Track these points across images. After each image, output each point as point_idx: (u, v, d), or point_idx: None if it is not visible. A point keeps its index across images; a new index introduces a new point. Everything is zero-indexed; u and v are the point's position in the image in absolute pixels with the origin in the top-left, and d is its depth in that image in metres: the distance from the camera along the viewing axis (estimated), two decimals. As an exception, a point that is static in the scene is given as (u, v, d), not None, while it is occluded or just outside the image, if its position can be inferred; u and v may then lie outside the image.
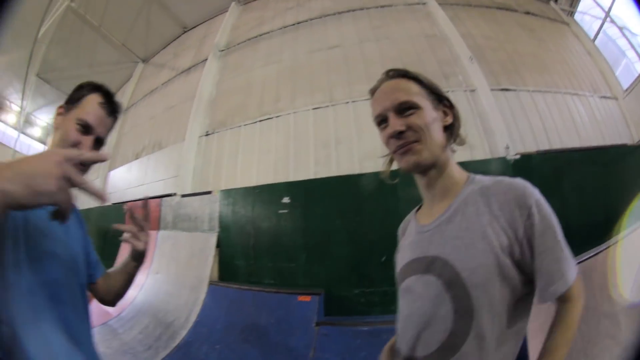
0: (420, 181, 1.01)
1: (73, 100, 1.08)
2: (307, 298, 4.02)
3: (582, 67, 6.11)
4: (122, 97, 8.94)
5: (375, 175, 4.25)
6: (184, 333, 4.17)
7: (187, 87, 7.26)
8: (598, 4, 7.77)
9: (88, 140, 1.04)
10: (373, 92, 1.03)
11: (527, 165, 4.37)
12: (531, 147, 4.53)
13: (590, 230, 2.85)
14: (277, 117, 5.53)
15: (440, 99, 1.00)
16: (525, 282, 0.83)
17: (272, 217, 4.81)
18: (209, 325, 4.16)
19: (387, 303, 4.04)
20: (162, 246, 5.67)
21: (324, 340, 3.57)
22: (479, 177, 0.97)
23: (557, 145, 4.71)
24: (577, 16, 7.87)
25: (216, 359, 3.75)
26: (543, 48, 6.02)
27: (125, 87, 9.59)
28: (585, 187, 4.25)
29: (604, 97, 5.82)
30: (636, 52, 7.11)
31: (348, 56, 5.66)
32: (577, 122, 5.20)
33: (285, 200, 4.76)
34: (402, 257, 1.03)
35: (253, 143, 5.59)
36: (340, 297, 4.23)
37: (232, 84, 6.49)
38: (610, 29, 7.85)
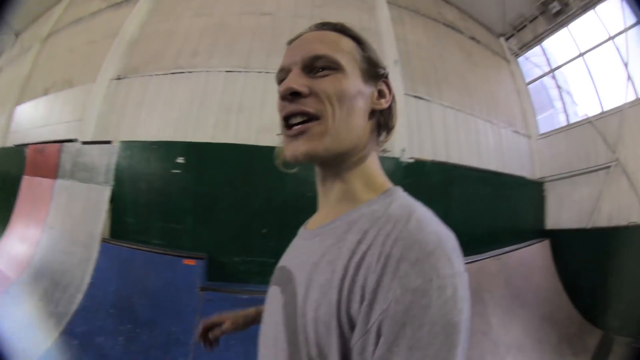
0: (317, 171, 0.75)
1: None
2: (192, 262, 4.10)
3: (505, 101, 6.48)
4: (46, 22, 8.26)
5: (270, 150, 4.19)
6: (80, 297, 4.11)
7: (113, 22, 6.71)
8: (547, 59, 8.29)
9: None
10: (290, 43, 0.76)
11: (418, 171, 4.66)
12: (428, 156, 4.81)
13: (463, 239, 3.09)
14: (189, 72, 5.31)
15: (378, 73, 0.73)
16: None
17: (165, 176, 4.76)
18: (103, 288, 4.16)
19: (265, 274, 4.07)
20: (58, 197, 5.34)
21: (209, 306, 3.67)
22: (397, 199, 0.65)
23: (454, 160, 5.06)
24: (521, 59, 8.27)
25: (112, 325, 3.83)
26: (473, 73, 6.33)
27: (52, 11, 8.77)
28: (471, 203, 4.78)
29: (517, 132, 6.13)
30: (565, 108, 7.58)
31: (277, 27, 5.55)
32: (482, 145, 5.57)
33: (180, 160, 4.70)
34: (282, 257, 0.83)
35: (159, 95, 5.35)
36: (223, 263, 4.34)
37: (157, 28, 6.15)
38: (548, 81, 8.39)
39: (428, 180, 4.79)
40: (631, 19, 7.84)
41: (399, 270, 0.49)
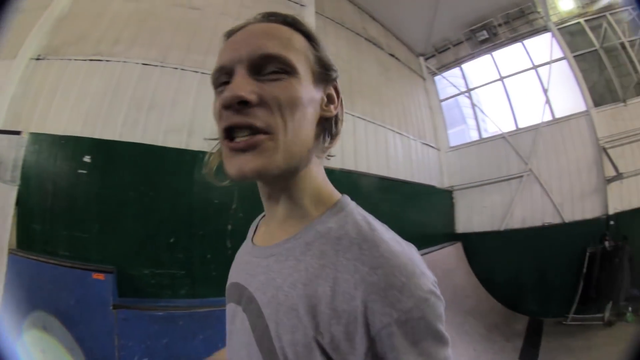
0: (260, 187, 0.69)
1: None
2: (101, 276, 3.73)
3: (417, 115, 6.85)
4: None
5: (179, 152, 4.18)
6: (-4, 314, 3.74)
7: (48, -9, 6.20)
8: (465, 80, 9.00)
9: None
10: (230, 35, 0.66)
11: (341, 182, 4.52)
12: (336, 165, 4.78)
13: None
14: (107, 61, 4.98)
15: (330, 77, 0.68)
16: None
17: (71, 176, 4.22)
18: (15, 308, 3.66)
19: (176, 287, 4.01)
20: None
21: (125, 326, 3.41)
22: (350, 214, 0.64)
23: (362, 169, 5.25)
24: (437, 77, 8.88)
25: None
26: (387, 87, 6.61)
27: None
28: (380, 209, 4.76)
29: (427, 144, 6.54)
30: (477, 124, 8.38)
31: (201, 23, 5.41)
32: (391, 155, 5.83)
33: (86, 159, 4.25)
34: (232, 271, 0.79)
35: (74, 83, 4.91)
36: (132, 277, 3.96)
37: (88, 7, 5.66)
38: (463, 99, 9.12)
39: (336, 188, 4.71)
40: (558, 53, 8.82)
41: (389, 297, 0.50)
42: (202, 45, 5.16)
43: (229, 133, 0.58)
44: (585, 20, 9.19)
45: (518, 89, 9.08)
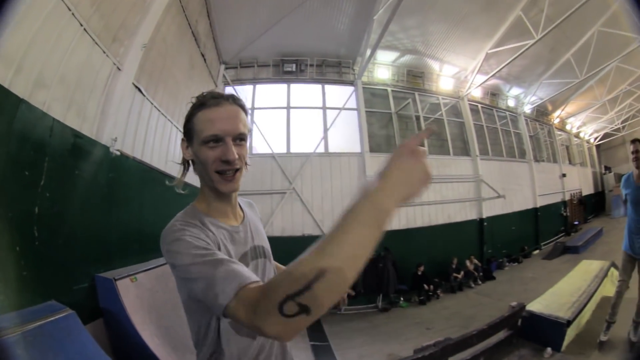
0: (225, 195, 1.34)
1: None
2: None
3: None
4: None
5: None
6: None
7: None
8: (253, 99, 11.01)
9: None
10: (204, 105, 1.24)
11: (122, 166, 4.72)
12: (128, 151, 4.98)
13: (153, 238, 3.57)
14: None
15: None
16: None
17: None
18: None
19: None
20: None
21: None
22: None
23: (147, 160, 5.49)
24: (229, 87, 10.75)
25: None
26: (186, 86, 7.29)
27: None
28: (159, 204, 5.24)
29: None
30: (251, 141, 10.03)
31: None
32: (170, 152, 6.28)
33: None
34: (239, 243, 1.39)
35: None
36: None
37: None
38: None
39: (128, 178, 4.90)
40: (353, 104, 11.51)
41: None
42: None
43: (221, 172, 1.23)
44: (392, 90, 12.66)
45: (301, 121, 11.29)
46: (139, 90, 5.31)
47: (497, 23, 11.70)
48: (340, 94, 11.82)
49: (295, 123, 11.20)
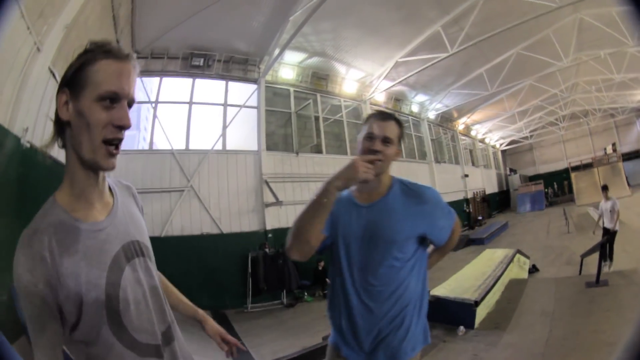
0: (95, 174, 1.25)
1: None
2: None
3: None
4: None
5: None
6: None
7: None
8: (158, 92, 11.40)
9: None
10: (110, 55, 1.13)
11: (29, 159, 4.53)
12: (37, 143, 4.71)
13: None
14: None
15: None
16: None
17: None
18: None
19: None
20: None
21: None
22: None
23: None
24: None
25: None
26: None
27: None
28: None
29: None
30: (152, 135, 10.16)
31: None
32: None
33: None
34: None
35: None
36: None
37: None
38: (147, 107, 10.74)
39: (38, 173, 4.68)
40: (254, 102, 12.59)
41: None
42: None
43: (109, 141, 1.11)
44: (294, 90, 13.87)
45: (201, 117, 12.02)
46: (54, 75, 5.10)
47: (413, 35, 13.08)
48: (242, 92, 12.64)
49: (196, 119, 11.80)
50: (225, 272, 10.77)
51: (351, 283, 1.82)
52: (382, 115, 1.89)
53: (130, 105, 1.16)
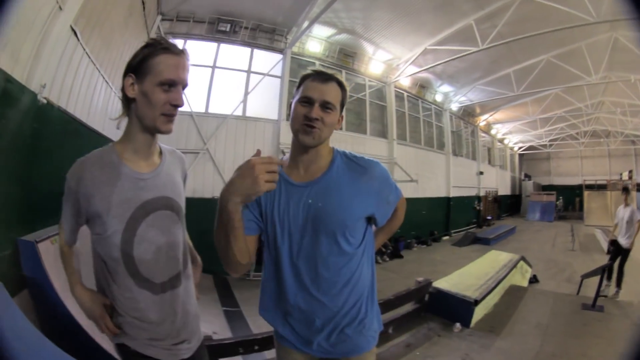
0: (150, 138, 1.61)
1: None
2: None
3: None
4: None
5: None
6: None
7: None
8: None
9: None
10: (167, 51, 1.48)
11: (44, 115, 4.51)
12: (54, 99, 4.79)
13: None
14: None
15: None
16: None
17: None
18: None
19: None
20: None
21: None
22: None
23: (71, 110, 5.45)
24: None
25: None
26: (120, 34, 7.32)
27: None
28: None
29: None
30: None
31: None
32: (94, 105, 6.34)
33: None
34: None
35: None
36: None
37: None
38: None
39: (52, 129, 4.74)
40: (278, 72, 12.47)
41: None
42: None
43: (168, 114, 1.49)
44: (320, 64, 13.56)
45: (224, 82, 12.00)
46: (75, 34, 5.13)
47: (445, 24, 12.76)
48: (267, 60, 12.58)
49: (218, 84, 11.77)
50: (229, 238, 10.83)
51: (295, 275, 1.63)
52: (322, 76, 1.60)
53: (184, 88, 1.52)
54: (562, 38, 12.77)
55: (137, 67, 1.47)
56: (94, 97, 6.34)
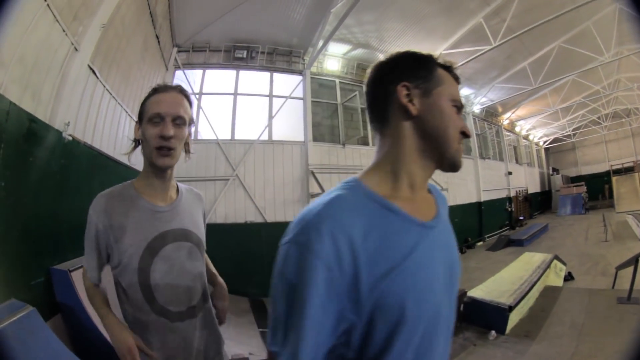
0: (159, 171, 1.65)
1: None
2: None
3: None
4: None
5: None
6: None
7: None
8: (202, 83, 10.88)
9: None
10: (156, 91, 1.61)
11: (73, 152, 4.72)
12: (79, 136, 4.94)
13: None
14: None
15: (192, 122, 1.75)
16: None
17: None
18: None
19: None
20: None
21: None
22: None
23: (97, 145, 5.63)
24: (179, 71, 11.19)
25: None
26: (138, 68, 7.53)
27: None
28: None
29: None
30: (196, 126, 10.17)
31: None
32: (118, 137, 6.49)
33: None
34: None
35: None
36: None
37: None
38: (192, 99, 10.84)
39: (79, 164, 4.88)
40: (299, 93, 12.44)
41: None
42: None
43: (160, 147, 1.54)
44: (340, 82, 13.64)
45: (247, 107, 12.09)
46: (93, 72, 5.35)
47: (456, 27, 12.61)
48: (287, 83, 12.62)
49: (241, 110, 11.87)
50: (267, 261, 10.80)
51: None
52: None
53: (179, 120, 1.58)
54: (570, 20, 12.34)
55: (139, 114, 1.63)
56: (118, 131, 6.54)
